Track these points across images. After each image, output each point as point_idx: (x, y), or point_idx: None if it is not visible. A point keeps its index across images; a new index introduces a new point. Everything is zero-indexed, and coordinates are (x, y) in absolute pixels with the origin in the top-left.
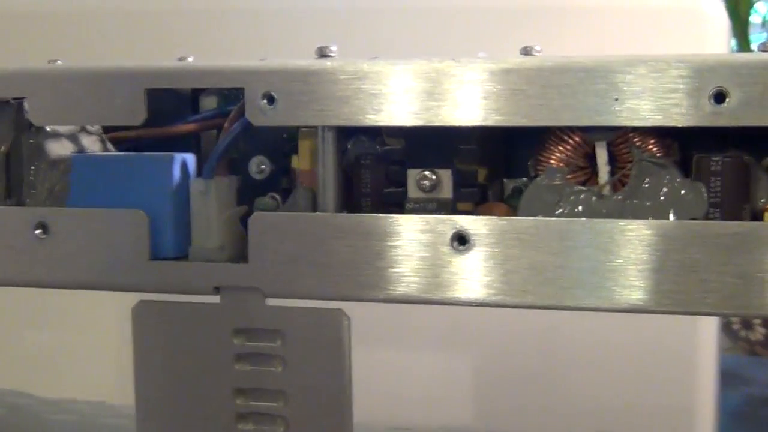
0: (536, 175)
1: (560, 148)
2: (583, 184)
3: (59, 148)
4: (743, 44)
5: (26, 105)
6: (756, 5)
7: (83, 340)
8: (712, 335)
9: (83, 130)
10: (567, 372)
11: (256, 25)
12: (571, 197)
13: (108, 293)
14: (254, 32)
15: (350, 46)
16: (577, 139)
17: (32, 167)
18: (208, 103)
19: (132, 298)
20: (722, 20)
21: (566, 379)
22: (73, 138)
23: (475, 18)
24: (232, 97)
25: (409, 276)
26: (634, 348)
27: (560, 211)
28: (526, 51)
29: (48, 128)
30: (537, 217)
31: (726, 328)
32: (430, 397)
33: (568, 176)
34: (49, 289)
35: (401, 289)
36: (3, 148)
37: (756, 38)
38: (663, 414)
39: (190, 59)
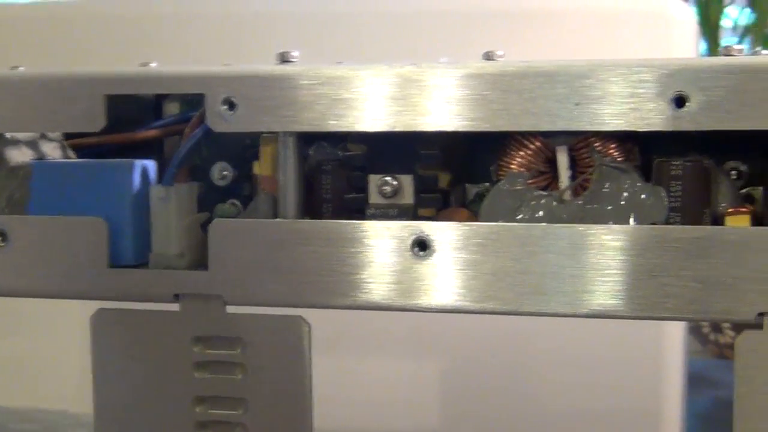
0: (498, 180)
1: (521, 153)
2: (545, 189)
3: (19, 155)
4: (714, 49)
5: None
6: (727, 10)
7: (45, 348)
8: (678, 339)
9: (43, 136)
10: (533, 376)
11: (220, 31)
12: (533, 202)
13: (69, 301)
14: (218, 38)
15: (313, 52)
16: (538, 144)
17: None
18: (171, 109)
19: (93, 306)
20: (691, 24)
21: (532, 383)
22: (32, 145)
23: (439, 22)
24: (195, 102)
25: (371, 282)
26: (600, 352)
27: (521, 216)
28: (489, 56)
29: (7, 135)
30: (498, 223)
31: (695, 331)
32: (394, 403)
33: (530, 181)
34: (9, 298)
35: (363, 296)
36: None
37: (727, 43)
38: (630, 418)
39: (153, 65)
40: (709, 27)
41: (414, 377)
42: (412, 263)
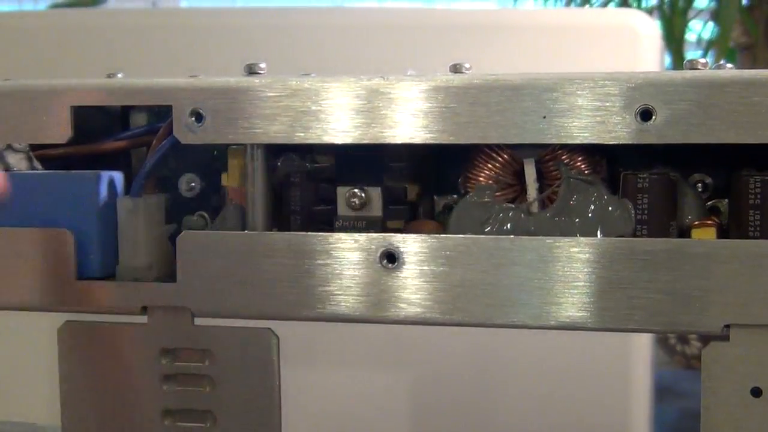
0: (466, 193)
1: (489, 165)
2: (513, 201)
3: None
4: (678, 62)
5: None
6: (691, 24)
7: (13, 360)
8: (646, 350)
9: (9, 147)
10: (501, 389)
11: (187, 44)
12: (500, 215)
13: (38, 313)
14: (185, 50)
15: (281, 64)
16: (506, 156)
17: None
18: (139, 120)
19: (63, 317)
20: (656, 38)
21: (501, 395)
22: None
23: (406, 36)
24: (162, 114)
25: (339, 294)
26: (568, 365)
27: (489, 228)
28: (456, 69)
29: None
30: (466, 235)
31: (662, 342)
32: (362, 417)
33: (497, 193)
34: None
35: (331, 308)
36: None
37: (692, 56)
38: (598, 430)
39: (119, 75)
40: (674, 40)
41: (384, 389)
42: (381, 275)
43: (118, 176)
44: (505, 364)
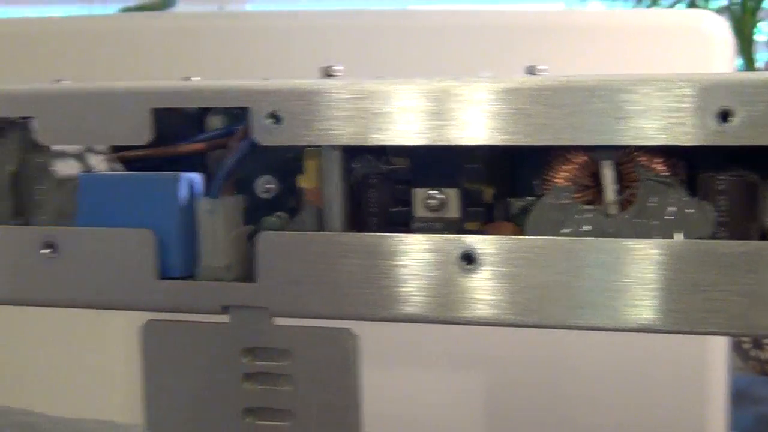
0: (542, 195)
1: (566, 167)
2: (590, 203)
3: (66, 168)
4: (748, 63)
5: (33, 125)
6: (760, 24)
7: (91, 358)
8: (722, 354)
9: (90, 149)
10: (574, 391)
11: (260, 45)
12: (578, 216)
13: (115, 312)
14: (258, 52)
15: (356, 66)
16: (582, 158)
17: (39, 187)
18: (215, 123)
19: (139, 317)
20: (727, 39)
21: (574, 397)
22: (80, 157)
23: (481, 37)
24: (238, 116)
25: (417, 295)
26: (644, 368)
27: (567, 230)
28: (531, 70)
29: (55, 148)
30: (544, 237)
31: (737, 347)
32: (439, 417)
33: (575, 195)
34: (57, 308)
35: (408, 309)
36: (10, 167)
37: (761, 57)
38: None
39: (195, 79)
40: (743, 40)
41: (459, 390)
42: (458, 277)
43: (197, 177)
44: (579, 366)
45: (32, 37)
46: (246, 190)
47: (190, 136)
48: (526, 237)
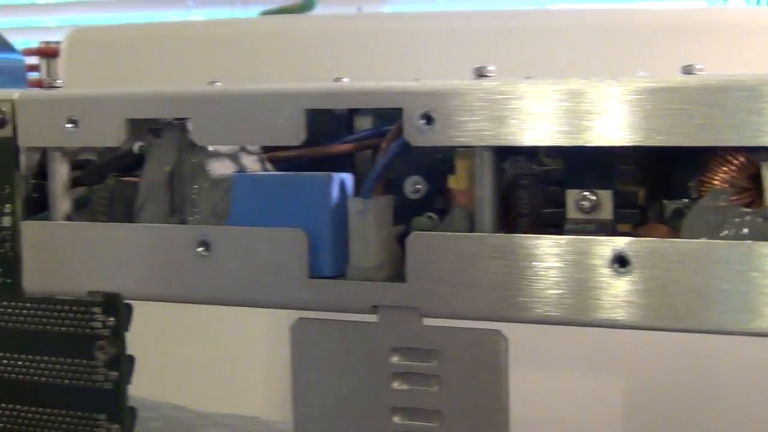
0: (698, 197)
1: (724, 168)
2: (748, 206)
3: (221, 168)
4: None
5: (189, 125)
6: None
7: (236, 355)
8: None
9: (243, 149)
10: (720, 396)
11: (395, 46)
12: (736, 219)
13: (258, 309)
14: (395, 53)
15: (507, 66)
16: (741, 159)
17: (195, 186)
18: (363, 124)
19: (284, 313)
20: None
21: (719, 403)
22: (233, 157)
23: (635, 36)
24: (387, 117)
25: (569, 298)
26: None
27: (725, 233)
28: (687, 70)
29: (210, 148)
30: (701, 240)
31: None
32: (581, 419)
33: (733, 198)
34: (206, 305)
35: (559, 312)
36: (167, 167)
37: None
38: None
39: (345, 80)
40: None
41: (599, 393)
42: (610, 279)
43: (348, 178)
44: (726, 369)
45: (178, 40)
46: (394, 190)
47: (338, 136)
48: (682, 240)
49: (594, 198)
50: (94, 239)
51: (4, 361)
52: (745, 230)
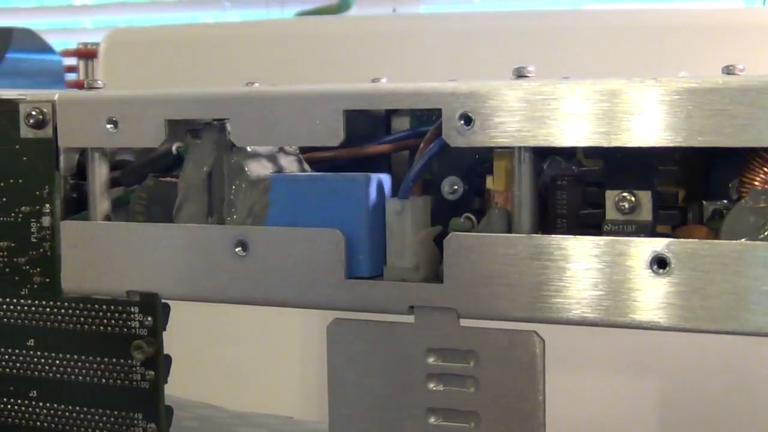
0: (739, 197)
1: (765, 169)
2: None
3: (259, 168)
4: None
5: (228, 126)
6: None
7: (271, 355)
8: None
9: (281, 150)
10: (758, 400)
11: (448, 46)
12: None
13: (293, 309)
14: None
15: (544, 66)
16: None
17: (233, 186)
18: (400, 124)
19: (319, 313)
20: None
21: (756, 406)
22: (271, 158)
23: (675, 37)
24: (424, 118)
25: (607, 299)
26: None
27: (765, 234)
28: (729, 70)
29: (248, 148)
30: (741, 241)
31: None
32: (617, 421)
33: None
34: (242, 306)
35: (597, 313)
36: (206, 167)
37: None
38: None
39: (384, 80)
40: None
41: (636, 395)
42: (650, 281)
43: (386, 178)
44: (763, 375)
45: (215, 41)
46: (431, 191)
47: (375, 137)
48: (722, 241)
49: (633, 199)
50: (132, 239)
51: (42, 361)
52: None
